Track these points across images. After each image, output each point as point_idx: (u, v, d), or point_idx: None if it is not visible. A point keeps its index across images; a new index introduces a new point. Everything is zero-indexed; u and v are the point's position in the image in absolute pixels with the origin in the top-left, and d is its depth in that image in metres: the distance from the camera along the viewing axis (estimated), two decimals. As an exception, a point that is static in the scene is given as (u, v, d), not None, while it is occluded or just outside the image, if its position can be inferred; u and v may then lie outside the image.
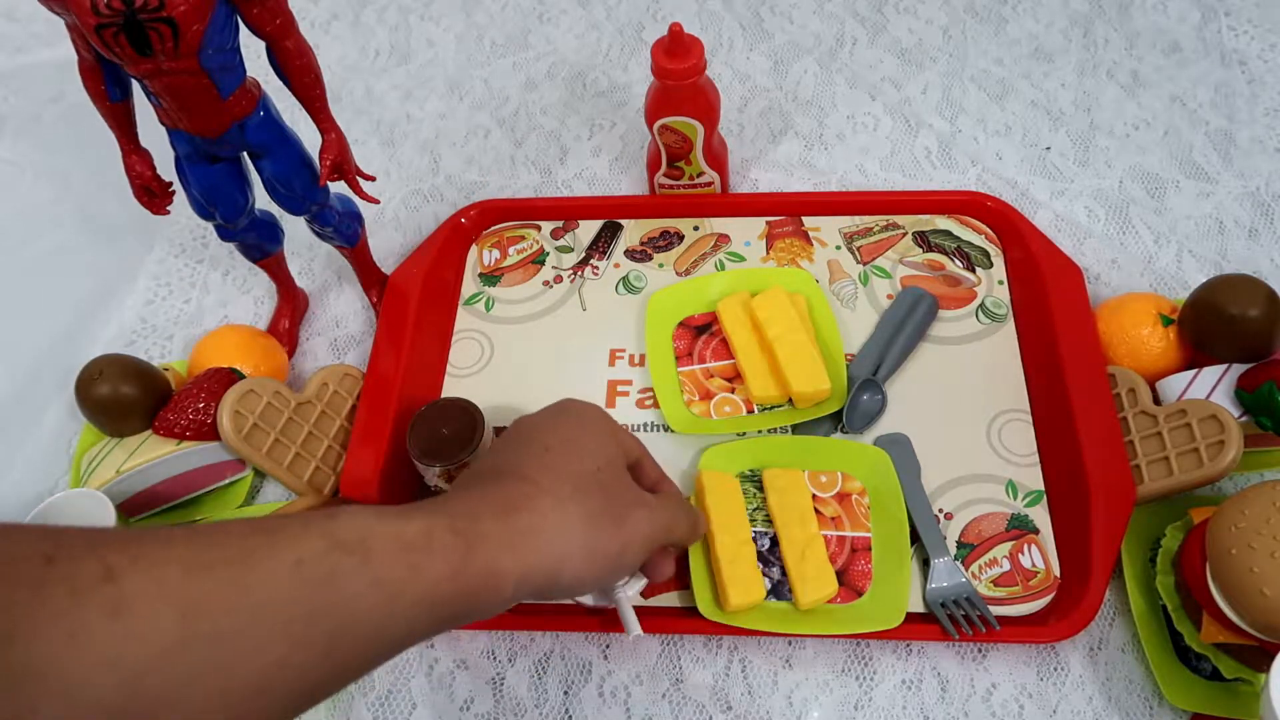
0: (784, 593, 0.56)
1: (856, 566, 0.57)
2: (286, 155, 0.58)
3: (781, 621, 0.55)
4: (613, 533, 0.42)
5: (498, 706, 0.57)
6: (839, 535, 0.58)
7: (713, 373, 0.66)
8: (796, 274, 0.69)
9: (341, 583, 0.32)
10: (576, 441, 0.45)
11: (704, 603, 0.55)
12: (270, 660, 0.30)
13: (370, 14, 0.95)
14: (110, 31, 0.46)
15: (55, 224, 0.81)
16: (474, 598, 0.37)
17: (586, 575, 0.41)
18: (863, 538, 0.58)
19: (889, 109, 0.82)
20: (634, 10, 0.92)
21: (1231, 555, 0.47)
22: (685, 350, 0.67)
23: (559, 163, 0.82)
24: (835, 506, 0.59)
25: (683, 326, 0.68)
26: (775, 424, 0.63)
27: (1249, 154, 0.76)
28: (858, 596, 0.56)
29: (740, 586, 0.54)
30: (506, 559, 0.38)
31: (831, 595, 0.56)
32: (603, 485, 0.44)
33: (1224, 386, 0.58)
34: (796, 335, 0.63)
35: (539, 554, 0.39)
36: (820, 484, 0.60)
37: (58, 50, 0.57)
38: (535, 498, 0.41)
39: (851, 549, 0.58)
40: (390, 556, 0.34)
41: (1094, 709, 0.54)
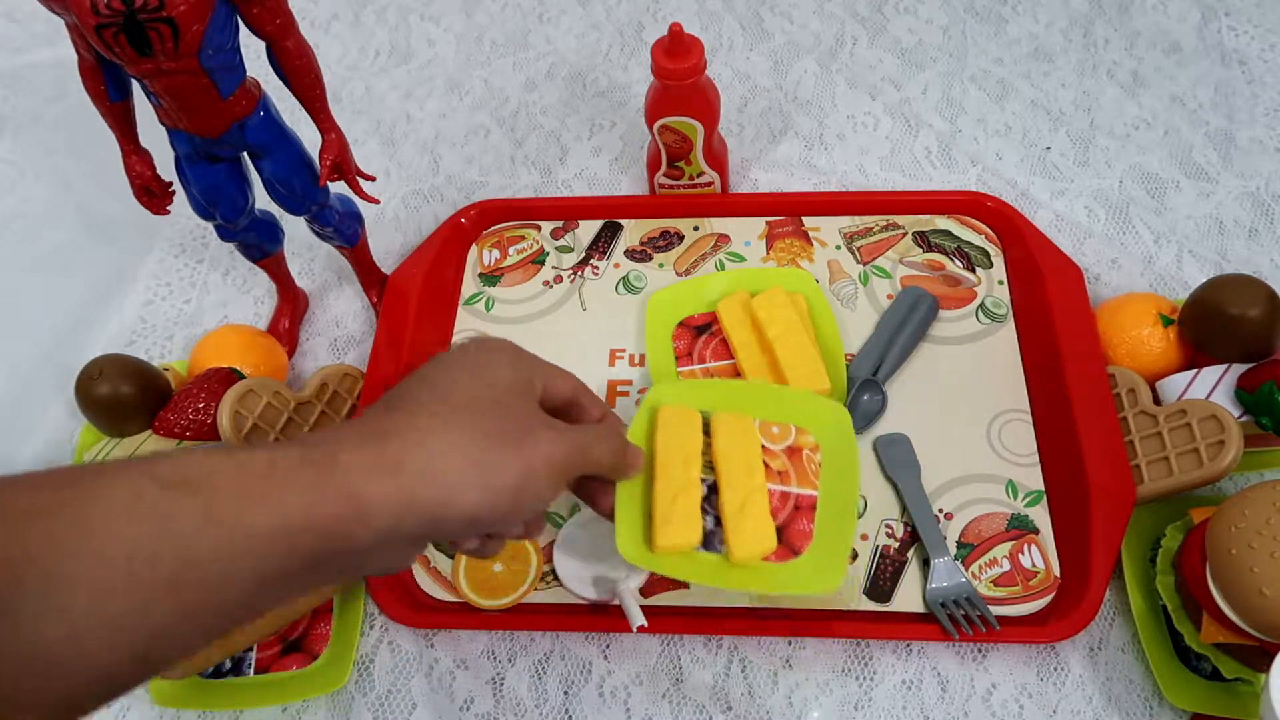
0: (715, 544, 0.52)
1: (797, 525, 0.53)
2: (286, 155, 0.58)
3: (708, 574, 0.51)
4: (511, 457, 0.38)
5: (498, 706, 0.57)
6: (783, 490, 0.54)
7: (713, 373, 0.66)
8: (796, 274, 0.69)
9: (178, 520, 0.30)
10: (473, 368, 0.41)
11: (624, 541, 0.49)
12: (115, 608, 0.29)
13: (370, 14, 0.95)
14: (110, 31, 0.46)
15: (55, 224, 0.81)
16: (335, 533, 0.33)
17: (485, 506, 0.37)
18: (808, 495, 0.54)
19: (889, 109, 0.82)
20: (634, 10, 0.92)
21: (1231, 555, 0.47)
22: (685, 350, 0.67)
23: (559, 163, 0.82)
24: (784, 460, 0.55)
25: (682, 326, 0.68)
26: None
27: (1249, 154, 0.76)
28: (794, 556, 0.52)
29: (672, 527, 0.50)
30: (373, 487, 0.34)
31: (768, 552, 0.51)
32: (498, 407, 0.39)
33: (1224, 386, 0.58)
34: (796, 335, 0.63)
35: (419, 482, 0.35)
36: (771, 435, 0.55)
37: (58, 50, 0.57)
38: (411, 424, 0.37)
39: (795, 506, 0.54)
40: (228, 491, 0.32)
41: (1094, 709, 0.54)
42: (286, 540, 0.32)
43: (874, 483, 0.61)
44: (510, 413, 0.39)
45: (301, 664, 0.58)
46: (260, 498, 0.32)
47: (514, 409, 0.40)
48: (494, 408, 0.39)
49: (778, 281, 0.67)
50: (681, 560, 0.51)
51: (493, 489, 0.37)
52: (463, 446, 0.37)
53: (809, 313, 0.66)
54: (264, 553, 0.32)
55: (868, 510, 0.60)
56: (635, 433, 0.53)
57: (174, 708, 0.57)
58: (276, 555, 0.32)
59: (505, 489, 0.37)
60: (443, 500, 0.36)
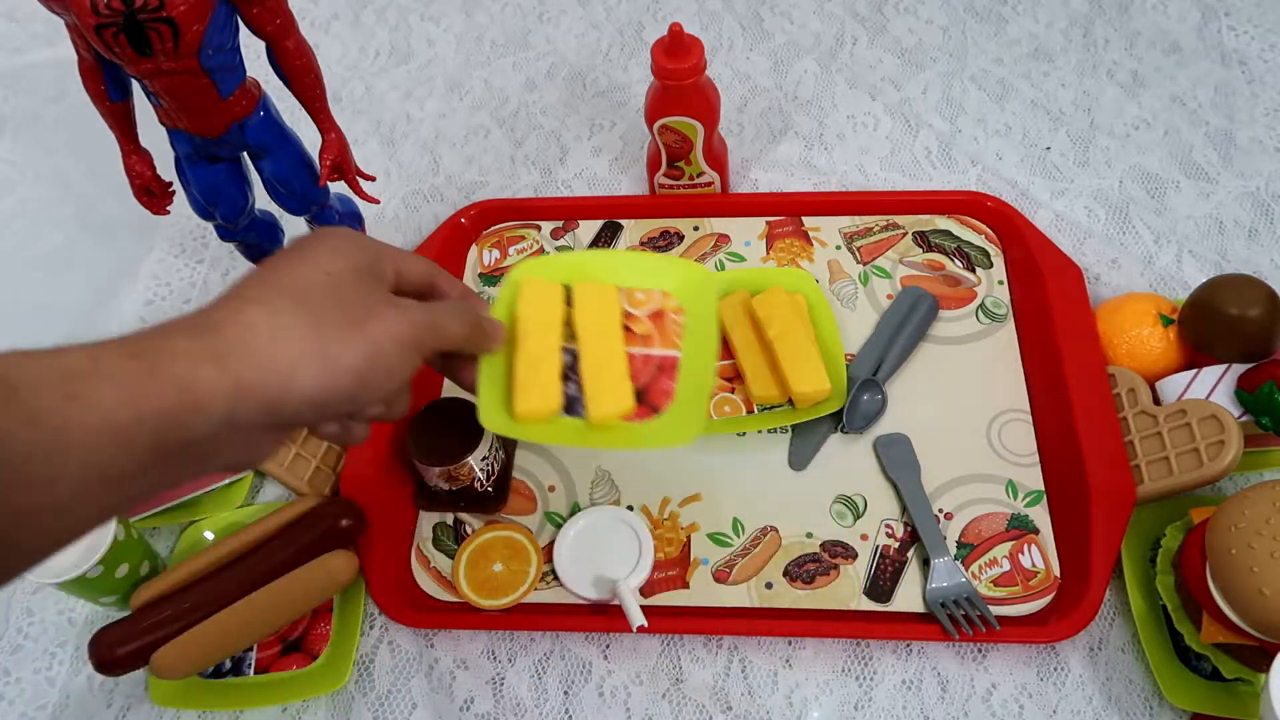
0: (578, 409, 0.51)
1: (659, 385, 0.53)
2: (286, 155, 0.58)
3: (569, 437, 0.50)
4: (351, 335, 0.37)
5: (498, 706, 0.57)
6: (646, 353, 0.53)
7: None
8: (796, 274, 0.69)
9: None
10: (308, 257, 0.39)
11: (486, 412, 0.49)
12: None
13: (370, 14, 0.95)
14: (110, 31, 0.46)
15: (55, 224, 0.81)
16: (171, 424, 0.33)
17: (329, 387, 0.36)
18: (670, 356, 0.53)
19: (889, 109, 0.82)
20: (634, 10, 0.92)
21: (1231, 555, 0.47)
22: None
23: (559, 163, 0.82)
24: (648, 324, 0.54)
25: None
26: (775, 424, 0.63)
27: (1249, 154, 0.76)
28: (654, 414, 0.52)
29: (531, 394, 0.49)
30: (205, 371, 0.34)
31: (626, 412, 0.51)
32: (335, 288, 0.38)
33: (1224, 386, 0.58)
34: (796, 335, 0.63)
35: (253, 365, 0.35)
36: (636, 301, 0.55)
37: (58, 50, 0.57)
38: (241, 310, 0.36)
39: (658, 367, 0.53)
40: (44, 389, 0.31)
41: (1094, 709, 0.54)
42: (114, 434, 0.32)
43: (874, 483, 0.61)
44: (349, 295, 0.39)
45: (301, 664, 0.58)
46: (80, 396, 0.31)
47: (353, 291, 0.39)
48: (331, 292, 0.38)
49: (777, 281, 0.67)
50: (544, 426, 0.50)
51: (332, 370, 0.36)
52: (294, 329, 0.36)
53: (809, 313, 0.66)
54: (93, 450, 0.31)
55: (868, 510, 0.60)
56: (499, 309, 0.52)
57: (174, 708, 0.57)
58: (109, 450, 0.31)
59: (347, 368, 0.37)
60: (277, 385, 0.35)
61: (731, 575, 0.58)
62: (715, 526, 0.60)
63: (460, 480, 0.59)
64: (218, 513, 0.64)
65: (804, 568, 0.58)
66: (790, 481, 0.62)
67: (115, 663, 0.54)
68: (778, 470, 0.62)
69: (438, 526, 0.62)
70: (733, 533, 0.60)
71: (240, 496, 0.64)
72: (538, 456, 0.64)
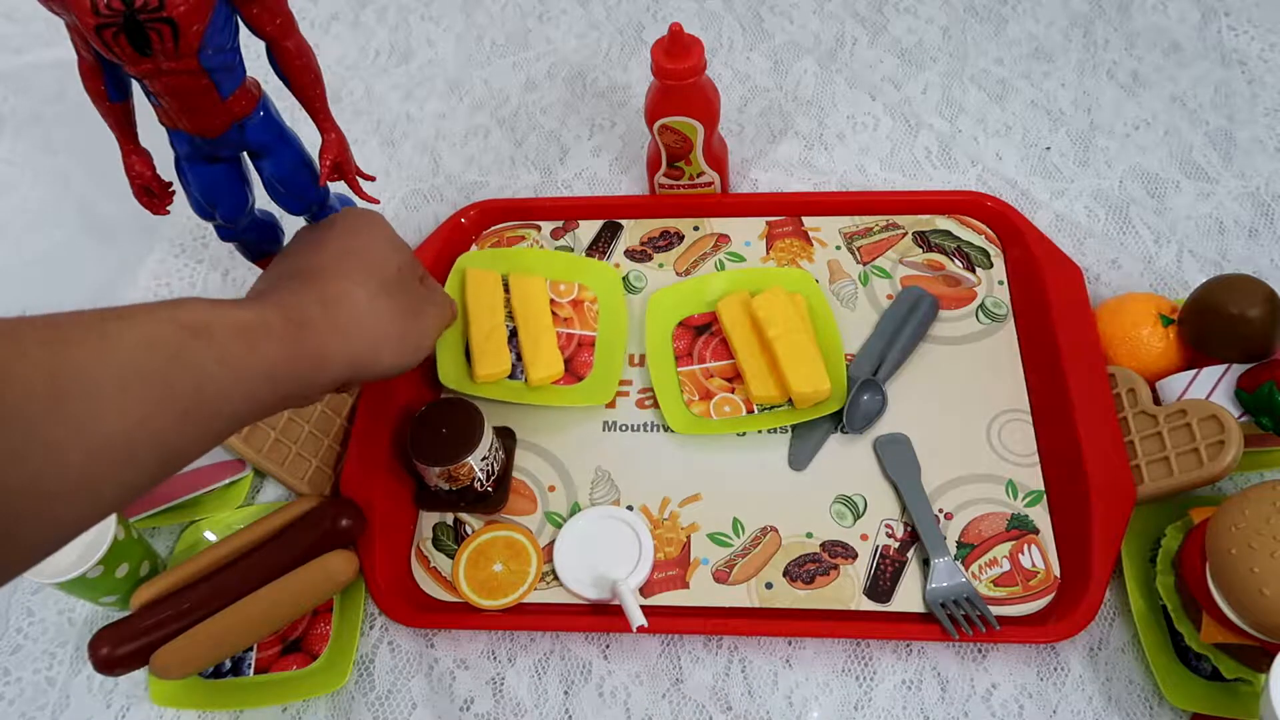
0: (518, 374, 0.66)
1: (581, 358, 0.68)
2: (286, 155, 0.58)
3: (514, 395, 0.65)
4: (414, 324, 0.51)
5: (498, 706, 0.57)
6: (569, 333, 0.68)
7: (712, 372, 0.66)
8: (796, 274, 0.69)
9: (190, 359, 0.38)
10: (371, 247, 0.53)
11: (446, 374, 0.65)
12: (133, 420, 0.36)
13: (370, 14, 0.95)
14: (110, 31, 0.46)
15: (55, 224, 0.81)
16: (307, 376, 0.44)
17: (398, 360, 0.50)
18: (589, 335, 0.68)
19: (889, 109, 0.82)
20: (634, 10, 0.92)
21: (1231, 555, 0.47)
22: (685, 350, 0.67)
23: (559, 163, 0.82)
24: (569, 309, 0.70)
25: (682, 326, 0.68)
26: (775, 424, 0.63)
27: (1249, 154, 0.76)
28: (578, 381, 0.67)
29: (488, 359, 0.65)
30: (333, 343, 0.45)
31: (557, 376, 0.66)
32: (402, 285, 0.52)
33: (1224, 386, 0.58)
34: (796, 335, 0.63)
35: (360, 340, 0.47)
36: (559, 291, 0.70)
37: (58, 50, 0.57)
38: (350, 293, 0.48)
39: (578, 344, 0.68)
40: (232, 339, 0.40)
41: (1094, 709, 0.54)
42: (270, 382, 0.42)
43: (874, 483, 0.61)
44: (409, 287, 0.53)
45: (301, 664, 0.58)
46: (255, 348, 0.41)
47: (410, 284, 0.53)
48: (399, 284, 0.51)
49: (778, 281, 0.67)
50: (494, 387, 0.65)
51: (403, 350, 0.51)
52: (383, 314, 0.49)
53: (809, 313, 0.66)
54: (253, 390, 0.41)
55: (868, 510, 0.60)
56: (450, 288, 0.68)
57: (174, 708, 0.57)
58: (260, 393, 0.41)
59: (411, 348, 0.51)
60: (370, 359, 0.48)
61: (731, 575, 0.58)
62: (715, 526, 0.60)
63: (460, 480, 0.59)
64: (218, 513, 0.64)
65: (804, 568, 0.58)
66: (790, 481, 0.62)
67: (115, 663, 0.54)
68: (778, 470, 0.62)
69: (438, 526, 0.62)
70: (733, 533, 0.60)
71: (240, 497, 0.64)
72: (538, 457, 0.64)
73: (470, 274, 0.68)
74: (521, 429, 0.65)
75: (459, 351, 0.66)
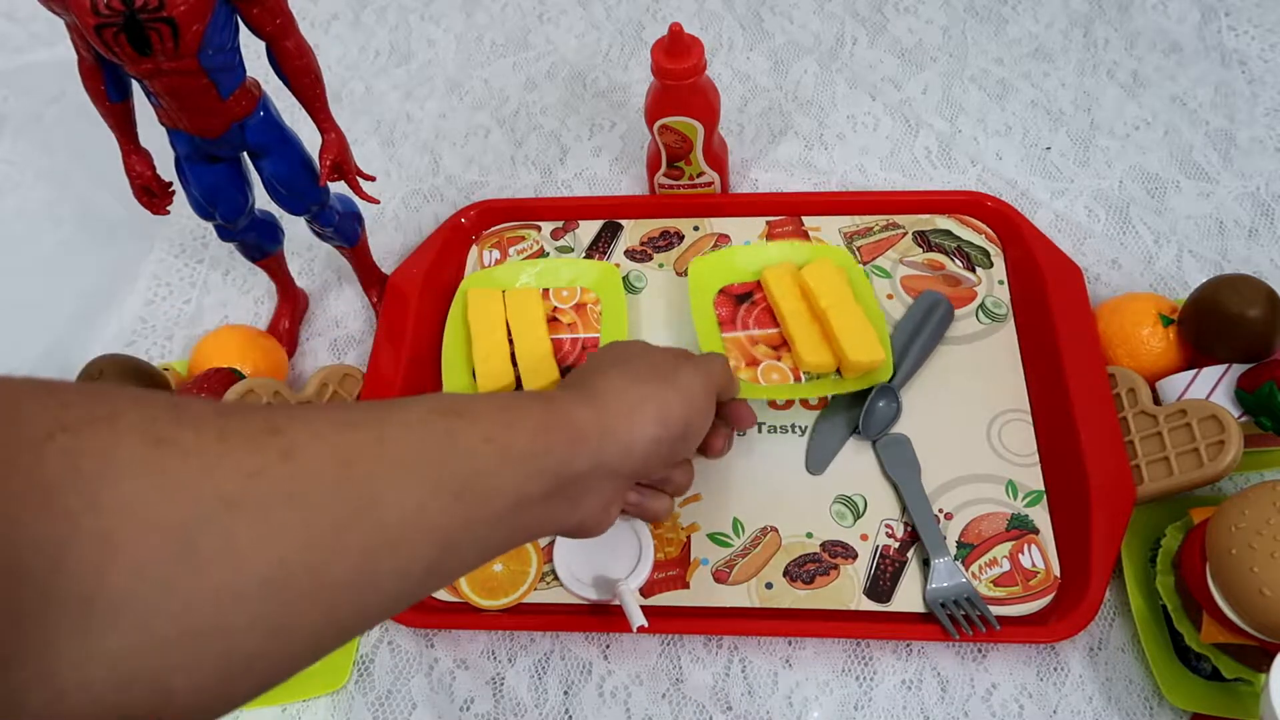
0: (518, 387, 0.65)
1: None
2: (286, 155, 0.58)
3: None
4: (670, 386, 0.46)
5: (498, 706, 0.57)
6: (573, 338, 0.68)
7: (757, 339, 0.66)
8: (834, 250, 0.70)
9: (459, 439, 0.36)
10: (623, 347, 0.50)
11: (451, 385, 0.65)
12: (412, 504, 0.34)
13: (370, 14, 0.95)
14: (110, 31, 0.46)
15: (55, 224, 0.81)
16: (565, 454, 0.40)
17: (668, 429, 0.44)
18: (592, 338, 0.68)
19: (889, 109, 0.82)
20: (634, 10, 0.92)
21: (1231, 555, 0.47)
22: (728, 318, 0.68)
23: (559, 163, 0.82)
24: (573, 314, 0.69)
25: (723, 294, 0.69)
26: (824, 392, 0.63)
27: (1249, 154, 0.76)
28: None
29: (489, 379, 0.65)
30: (583, 412, 0.42)
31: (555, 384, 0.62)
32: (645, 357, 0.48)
33: (1224, 386, 0.58)
34: (849, 305, 0.64)
35: (613, 411, 0.43)
36: (562, 297, 0.70)
37: (58, 50, 0.57)
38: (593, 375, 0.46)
39: (582, 347, 0.68)
40: (490, 417, 0.38)
41: (1094, 709, 0.54)
42: (534, 461, 0.39)
43: (874, 483, 0.61)
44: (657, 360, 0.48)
45: (301, 664, 0.58)
46: (513, 424, 0.39)
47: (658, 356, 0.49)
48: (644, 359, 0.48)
49: (817, 255, 0.68)
50: None
51: (665, 412, 0.45)
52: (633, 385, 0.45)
53: None
54: (520, 471, 0.38)
55: (868, 510, 0.60)
56: (455, 310, 0.69)
57: (174, 708, 0.57)
58: (528, 475, 0.38)
59: (675, 411, 0.45)
60: (627, 427, 0.43)
61: (731, 575, 0.58)
62: (715, 526, 0.60)
63: (460, 480, 0.59)
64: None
65: (804, 568, 0.58)
66: (790, 482, 0.62)
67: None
68: (778, 470, 0.62)
69: (438, 526, 0.62)
70: (733, 533, 0.60)
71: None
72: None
73: (472, 294, 0.69)
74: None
75: (466, 371, 0.66)
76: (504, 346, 0.67)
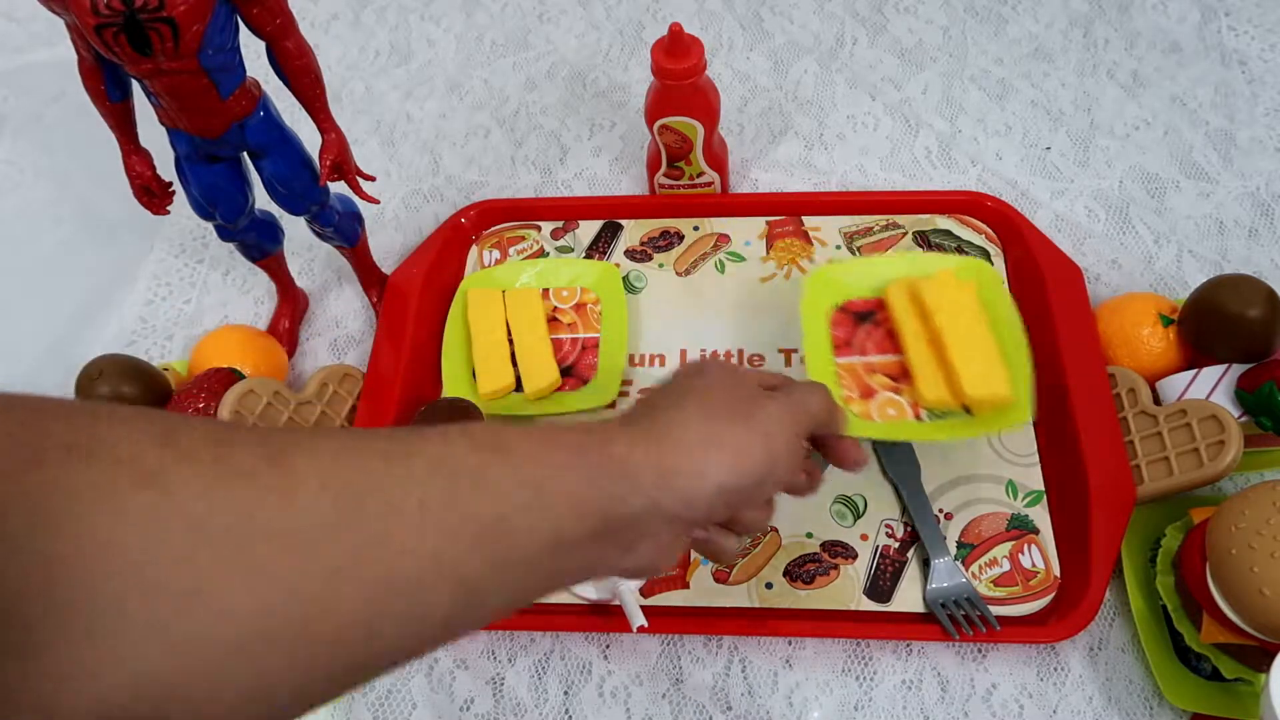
0: (519, 386, 0.65)
1: (585, 360, 0.67)
2: (286, 155, 0.58)
3: (516, 407, 0.65)
4: (747, 426, 0.40)
5: (498, 706, 0.57)
6: (573, 337, 0.68)
7: (875, 368, 0.60)
8: (971, 261, 0.62)
9: (487, 476, 0.33)
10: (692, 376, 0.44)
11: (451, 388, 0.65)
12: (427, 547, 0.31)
13: (370, 14, 0.95)
14: (110, 31, 0.46)
15: (55, 224, 0.81)
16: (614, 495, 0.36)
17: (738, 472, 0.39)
18: (592, 338, 0.68)
19: (889, 109, 0.82)
20: (634, 10, 0.92)
21: (1231, 555, 0.47)
22: (844, 339, 0.61)
23: (559, 163, 0.82)
24: (573, 314, 0.69)
25: (842, 311, 0.62)
26: (948, 435, 0.57)
27: (1249, 154, 0.76)
28: (582, 385, 0.66)
29: (489, 377, 0.65)
30: (638, 453, 0.37)
31: (555, 385, 0.65)
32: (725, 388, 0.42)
33: (1224, 386, 0.58)
34: (970, 324, 0.56)
35: (674, 451, 0.38)
36: (562, 297, 0.70)
37: (58, 50, 0.57)
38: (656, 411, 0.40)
39: (582, 347, 0.68)
40: (528, 455, 0.35)
41: (1094, 709, 0.54)
42: (575, 502, 0.35)
43: (874, 483, 0.61)
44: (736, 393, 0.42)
45: (301, 664, 0.58)
46: (554, 463, 0.35)
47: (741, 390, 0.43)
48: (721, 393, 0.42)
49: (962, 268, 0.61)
50: (498, 401, 0.65)
51: (740, 456, 0.39)
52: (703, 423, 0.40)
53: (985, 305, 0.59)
54: (557, 512, 0.34)
55: (868, 510, 0.60)
56: (455, 310, 0.69)
57: (174, 708, 0.57)
58: (566, 515, 0.35)
59: (750, 454, 0.40)
60: (692, 470, 0.38)
61: (731, 575, 0.58)
62: (715, 526, 0.60)
63: (460, 480, 0.59)
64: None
65: (804, 568, 0.58)
66: (790, 481, 0.61)
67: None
68: (778, 470, 0.62)
69: (438, 526, 0.62)
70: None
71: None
72: (538, 456, 0.64)
73: (472, 294, 0.69)
74: (521, 429, 0.65)
75: (466, 371, 0.66)
76: (504, 346, 0.67)
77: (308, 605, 0.28)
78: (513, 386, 0.65)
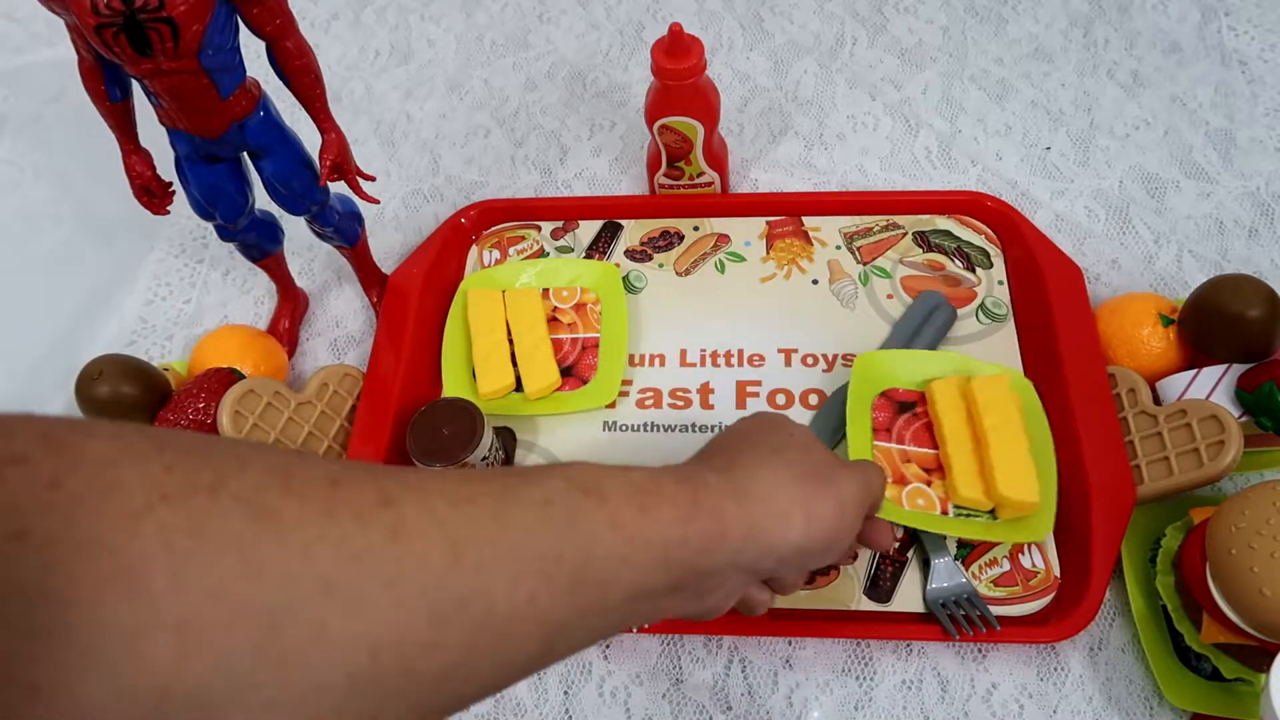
0: (519, 386, 0.66)
1: (585, 360, 0.67)
2: (286, 155, 0.58)
3: (515, 407, 0.65)
4: (825, 492, 0.41)
5: (498, 706, 0.57)
6: (573, 337, 0.68)
7: (910, 457, 0.61)
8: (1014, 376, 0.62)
9: (582, 523, 0.34)
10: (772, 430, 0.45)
11: (451, 389, 0.65)
12: (523, 595, 0.31)
13: (370, 14, 0.95)
14: (110, 31, 0.46)
15: (55, 224, 0.81)
16: (702, 547, 0.37)
17: (811, 536, 0.40)
18: (592, 338, 0.68)
19: (889, 109, 0.82)
20: (634, 10, 0.92)
21: (1231, 555, 0.47)
22: (884, 424, 0.62)
23: (559, 163, 0.82)
24: (573, 314, 0.70)
25: (884, 397, 0.63)
26: (969, 535, 0.57)
27: (1249, 154, 0.76)
28: (582, 384, 0.66)
29: (489, 377, 0.65)
30: (730, 506, 0.38)
31: (553, 385, 0.65)
32: (803, 448, 0.43)
33: (1224, 386, 0.58)
34: (1014, 432, 0.57)
35: (760, 507, 0.39)
36: (562, 298, 0.70)
37: (58, 50, 0.57)
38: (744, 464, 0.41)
39: (582, 347, 0.68)
40: (624, 499, 0.35)
41: (1094, 709, 0.54)
42: (664, 551, 0.35)
43: (874, 483, 0.61)
44: (816, 458, 0.43)
45: (301, 664, 0.58)
46: (649, 510, 0.35)
47: (818, 454, 0.44)
48: (803, 453, 0.43)
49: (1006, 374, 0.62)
50: (498, 401, 0.65)
51: (815, 521, 0.40)
52: (787, 483, 0.40)
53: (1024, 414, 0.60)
54: (645, 561, 0.35)
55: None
56: (455, 310, 0.69)
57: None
58: (653, 565, 0.35)
59: (826, 525, 0.41)
60: (775, 528, 0.39)
61: (731, 575, 0.58)
62: (715, 526, 0.60)
63: (460, 480, 0.59)
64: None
65: (804, 568, 0.58)
66: (790, 481, 0.61)
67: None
68: (778, 470, 0.62)
69: (438, 526, 0.62)
70: (733, 533, 0.60)
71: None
72: (538, 457, 0.64)
73: (472, 294, 0.69)
74: (521, 429, 0.65)
75: (466, 371, 0.67)
76: (504, 346, 0.67)
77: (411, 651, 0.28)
78: (513, 386, 0.65)
